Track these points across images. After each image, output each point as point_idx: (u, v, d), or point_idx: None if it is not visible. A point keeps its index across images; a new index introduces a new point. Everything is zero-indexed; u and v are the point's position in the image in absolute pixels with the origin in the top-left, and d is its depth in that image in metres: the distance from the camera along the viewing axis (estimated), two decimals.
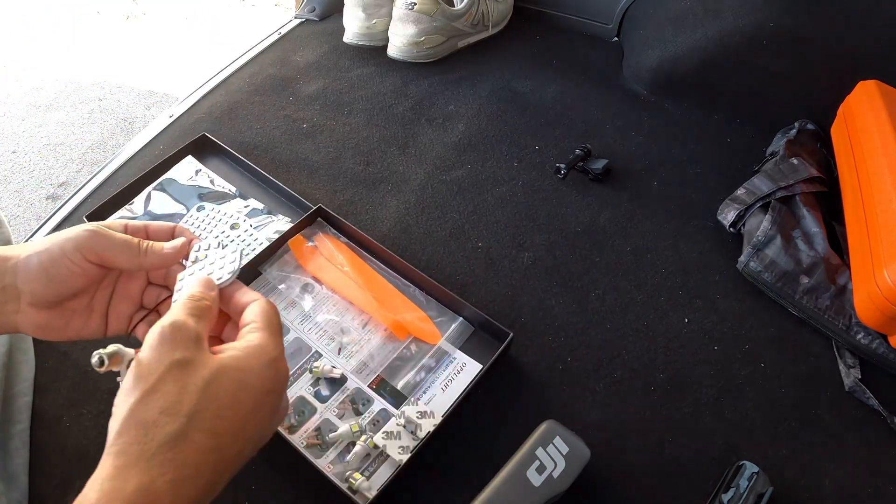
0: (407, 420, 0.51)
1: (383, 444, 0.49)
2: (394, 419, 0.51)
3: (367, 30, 0.93)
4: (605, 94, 0.88)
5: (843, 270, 0.61)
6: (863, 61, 0.76)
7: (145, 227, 0.43)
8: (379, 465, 0.49)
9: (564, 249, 0.67)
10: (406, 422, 0.51)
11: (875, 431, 0.54)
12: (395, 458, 0.49)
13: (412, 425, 0.50)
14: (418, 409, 0.51)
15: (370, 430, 0.52)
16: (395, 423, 0.51)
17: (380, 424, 0.52)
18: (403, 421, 0.51)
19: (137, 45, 2.26)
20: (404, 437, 0.50)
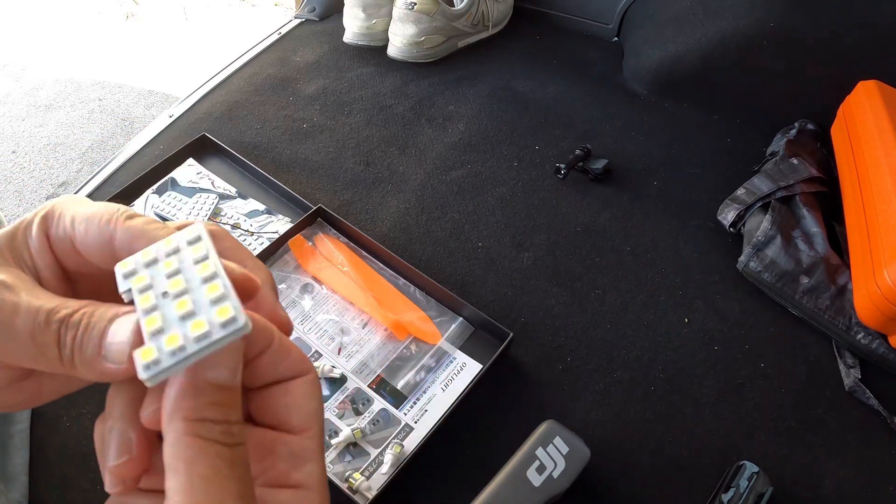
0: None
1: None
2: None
3: (367, 30, 0.93)
4: (605, 94, 0.88)
5: (843, 270, 0.61)
6: (863, 61, 0.76)
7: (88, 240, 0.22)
8: (379, 465, 0.49)
9: (564, 249, 0.67)
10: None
11: (875, 431, 0.54)
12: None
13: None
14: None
15: (370, 430, 0.52)
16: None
17: (380, 424, 0.52)
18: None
19: (137, 45, 2.26)
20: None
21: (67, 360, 0.19)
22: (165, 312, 0.19)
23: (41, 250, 0.22)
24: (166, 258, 0.20)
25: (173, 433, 0.18)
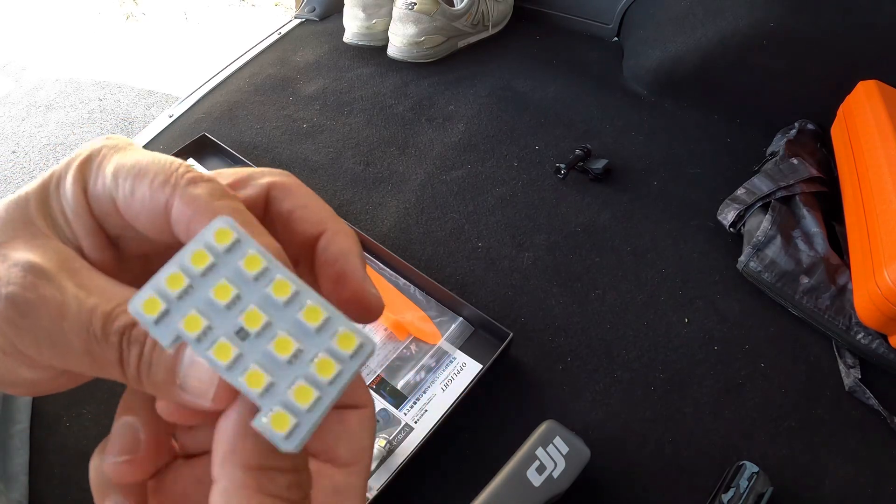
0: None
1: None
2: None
3: (367, 30, 0.93)
4: (605, 94, 0.88)
5: (843, 270, 0.61)
6: (863, 61, 0.76)
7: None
8: (379, 465, 0.49)
9: (564, 249, 0.67)
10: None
11: (875, 431, 0.54)
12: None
13: None
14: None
15: None
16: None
17: (380, 425, 0.52)
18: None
19: (137, 45, 2.26)
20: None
21: (133, 380, 0.16)
22: (263, 361, 0.14)
23: (79, 213, 0.17)
24: (207, 279, 0.15)
25: (229, 482, 0.14)
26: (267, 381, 0.14)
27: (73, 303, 0.15)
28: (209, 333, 0.14)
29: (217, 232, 0.15)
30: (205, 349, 0.14)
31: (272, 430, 0.14)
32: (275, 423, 0.14)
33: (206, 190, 0.17)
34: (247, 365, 0.14)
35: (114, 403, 0.17)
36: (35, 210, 0.17)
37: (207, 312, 0.15)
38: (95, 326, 0.15)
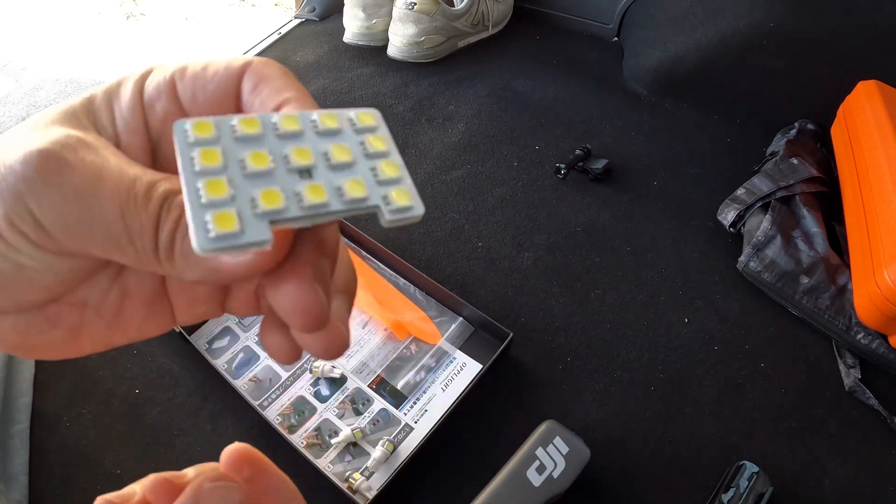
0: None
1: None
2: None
3: (367, 30, 0.93)
4: (605, 94, 0.88)
5: (843, 270, 0.61)
6: (863, 61, 0.76)
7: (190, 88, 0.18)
8: (380, 465, 0.49)
9: (564, 249, 0.67)
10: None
11: (875, 431, 0.54)
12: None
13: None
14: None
15: (370, 430, 0.52)
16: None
17: (380, 424, 0.52)
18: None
19: (137, 45, 2.26)
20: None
21: (165, 250, 0.15)
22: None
23: (130, 109, 0.17)
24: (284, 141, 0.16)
25: None
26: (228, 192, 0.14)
27: (115, 168, 0.15)
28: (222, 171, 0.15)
29: (361, 114, 0.17)
30: (196, 181, 0.14)
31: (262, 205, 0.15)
32: (265, 199, 0.14)
33: (279, 72, 0.18)
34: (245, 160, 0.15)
35: (114, 404, 0.17)
36: (80, 110, 0.17)
37: (271, 142, 0.16)
38: (138, 189, 0.15)
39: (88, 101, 0.17)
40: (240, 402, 0.53)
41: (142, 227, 0.15)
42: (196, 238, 0.14)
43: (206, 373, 0.55)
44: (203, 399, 0.54)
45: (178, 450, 0.51)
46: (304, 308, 0.16)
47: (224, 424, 0.52)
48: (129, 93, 0.18)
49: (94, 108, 0.17)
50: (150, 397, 0.54)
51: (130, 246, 0.15)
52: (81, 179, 0.15)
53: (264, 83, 0.17)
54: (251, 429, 0.52)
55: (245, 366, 0.56)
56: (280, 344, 0.18)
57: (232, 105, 0.17)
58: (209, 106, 0.17)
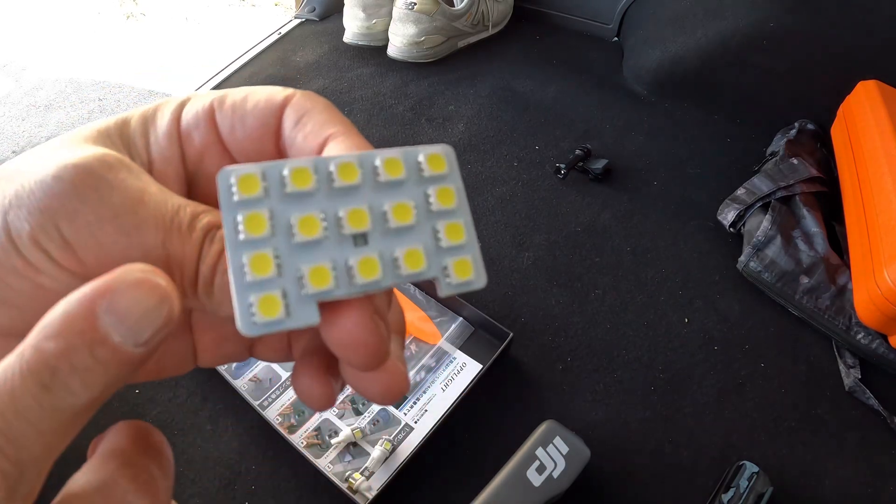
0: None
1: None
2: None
3: (367, 30, 0.93)
4: (605, 94, 0.88)
5: (843, 270, 0.61)
6: (863, 61, 0.76)
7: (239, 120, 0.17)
8: (379, 465, 0.49)
9: (564, 249, 0.67)
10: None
11: (875, 431, 0.54)
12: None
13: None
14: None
15: (370, 430, 0.52)
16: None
17: (379, 424, 0.52)
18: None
19: (137, 45, 2.26)
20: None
21: (205, 283, 0.15)
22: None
23: (166, 137, 0.17)
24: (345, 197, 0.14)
25: None
26: (273, 269, 0.13)
27: (158, 195, 0.15)
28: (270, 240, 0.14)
29: (430, 157, 0.15)
30: (240, 251, 0.13)
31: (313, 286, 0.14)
32: (314, 278, 0.14)
33: (324, 107, 0.17)
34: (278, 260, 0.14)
35: (113, 404, 0.17)
36: (114, 132, 0.16)
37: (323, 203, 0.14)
38: (182, 218, 0.14)
39: (123, 124, 0.17)
40: (240, 402, 0.53)
41: (182, 259, 0.14)
42: (240, 321, 0.13)
43: (206, 373, 0.55)
44: (203, 399, 0.54)
45: (179, 449, 0.51)
46: (365, 341, 0.14)
47: (224, 424, 0.52)
48: (167, 120, 0.17)
49: (129, 132, 0.17)
50: (150, 397, 0.54)
51: (167, 276, 0.15)
52: (121, 200, 0.14)
53: (307, 117, 0.16)
54: (251, 429, 0.52)
55: (245, 366, 0.56)
56: (315, 388, 0.17)
57: (272, 139, 0.17)
58: (248, 140, 0.17)
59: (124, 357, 0.13)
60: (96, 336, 0.12)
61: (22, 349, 0.12)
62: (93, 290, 0.12)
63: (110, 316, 0.12)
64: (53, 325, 0.12)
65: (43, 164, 0.14)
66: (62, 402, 0.12)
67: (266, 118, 0.17)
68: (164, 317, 0.13)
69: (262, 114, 0.17)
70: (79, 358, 0.12)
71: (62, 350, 0.12)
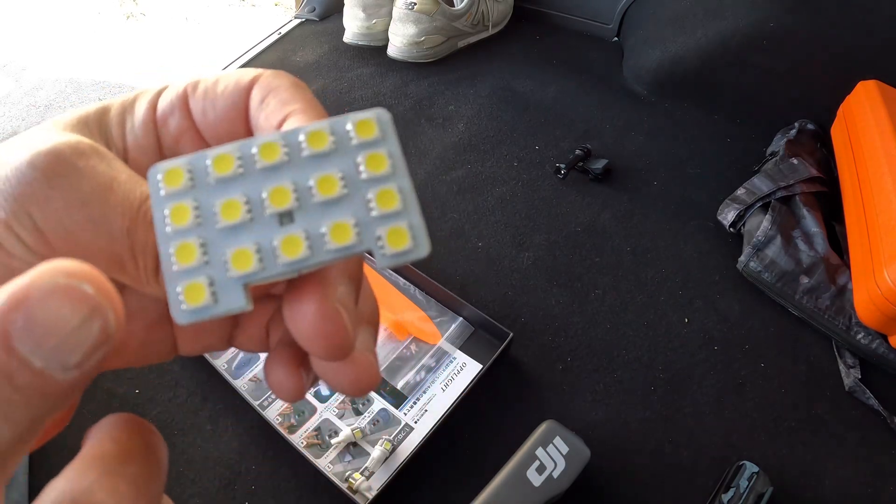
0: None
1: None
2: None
3: (367, 30, 0.93)
4: (605, 94, 0.88)
5: (843, 270, 0.61)
6: (863, 61, 0.76)
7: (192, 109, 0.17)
8: (379, 465, 0.49)
9: (564, 249, 0.67)
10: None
11: (875, 431, 0.54)
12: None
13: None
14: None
15: (370, 430, 0.52)
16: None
17: (379, 424, 0.52)
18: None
19: (137, 45, 2.26)
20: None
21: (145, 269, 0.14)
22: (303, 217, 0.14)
23: (142, 125, 0.17)
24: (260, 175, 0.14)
25: None
26: (199, 257, 0.13)
27: (126, 182, 0.14)
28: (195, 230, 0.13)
29: (359, 123, 0.14)
30: (169, 241, 0.13)
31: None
32: (237, 261, 0.13)
33: (287, 85, 0.16)
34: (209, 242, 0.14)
35: (114, 404, 0.17)
36: (92, 120, 0.16)
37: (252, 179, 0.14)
38: (149, 207, 0.14)
39: (103, 112, 0.17)
40: (240, 402, 0.53)
41: (146, 247, 0.14)
42: (171, 310, 0.13)
43: (206, 373, 0.55)
44: (203, 399, 0.54)
45: (178, 449, 0.51)
46: (325, 331, 0.14)
47: (224, 424, 0.52)
48: (143, 108, 0.17)
49: (108, 120, 0.17)
50: (150, 397, 0.54)
51: (132, 264, 0.14)
52: (90, 187, 0.14)
53: (271, 96, 0.16)
54: (251, 429, 0.52)
55: (245, 366, 0.56)
56: (285, 380, 0.16)
57: (242, 120, 0.17)
58: (220, 122, 0.17)
59: (51, 385, 0.10)
60: (12, 362, 0.10)
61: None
62: (3, 301, 0.10)
63: (27, 335, 0.10)
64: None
65: (20, 152, 0.14)
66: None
67: (235, 100, 0.17)
68: (97, 333, 0.11)
69: (232, 95, 0.17)
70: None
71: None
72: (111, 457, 0.13)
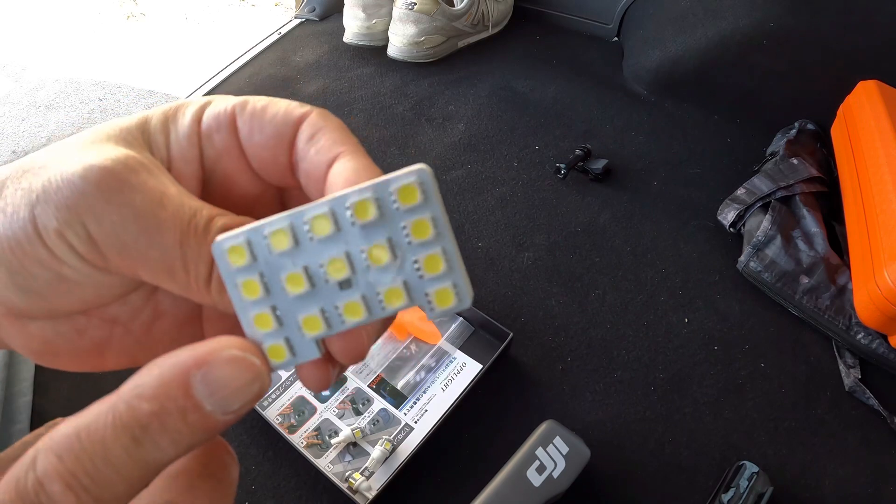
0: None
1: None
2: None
3: (367, 30, 0.93)
4: (605, 94, 0.88)
5: (843, 270, 0.61)
6: (863, 61, 0.76)
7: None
8: (379, 465, 0.49)
9: (564, 249, 0.67)
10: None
11: (875, 431, 0.54)
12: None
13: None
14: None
15: (370, 430, 0.52)
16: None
17: (379, 424, 0.52)
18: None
19: (137, 45, 2.26)
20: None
21: (217, 283, 0.16)
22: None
23: (187, 138, 0.17)
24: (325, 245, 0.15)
25: None
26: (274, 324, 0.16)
27: (177, 197, 0.15)
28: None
29: (401, 190, 0.15)
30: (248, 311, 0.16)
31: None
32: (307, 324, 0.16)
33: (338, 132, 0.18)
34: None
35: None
36: (135, 129, 0.17)
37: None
38: (199, 220, 0.15)
39: (144, 122, 0.17)
40: None
41: (198, 259, 0.15)
42: None
43: None
44: None
45: None
46: (350, 352, 0.17)
47: None
48: (188, 120, 0.18)
49: (150, 130, 0.17)
50: None
51: (184, 274, 0.16)
52: (143, 202, 0.15)
53: (321, 134, 0.17)
54: (251, 429, 0.52)
55: None
56: (312, 373, 0.18)
57: (286, 149, 0.18)
58: (265, 147, 0.18)
59: (212, 423, 0.14)
60: (189, 403, 0.13)
61: (114, 401, 0.13)
62: (189, 358, 0.13)
63: (204, 387, 0.13)
64: (149, 386, 0.13)
65: (69, 162, 0.15)
66: (150, 455, 0.13)
67: (283, 129, 0.17)
68: (255, 393, 0.14)
69: (280, 125, 0.17)
70: (170, 421, 0.13)
71: (155, 412, 0.13)
72: (195, 474, 0.15)
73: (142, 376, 0.13)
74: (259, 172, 0.18)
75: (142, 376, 0.13)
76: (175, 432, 0.13)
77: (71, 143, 0.16)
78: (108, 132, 0.17)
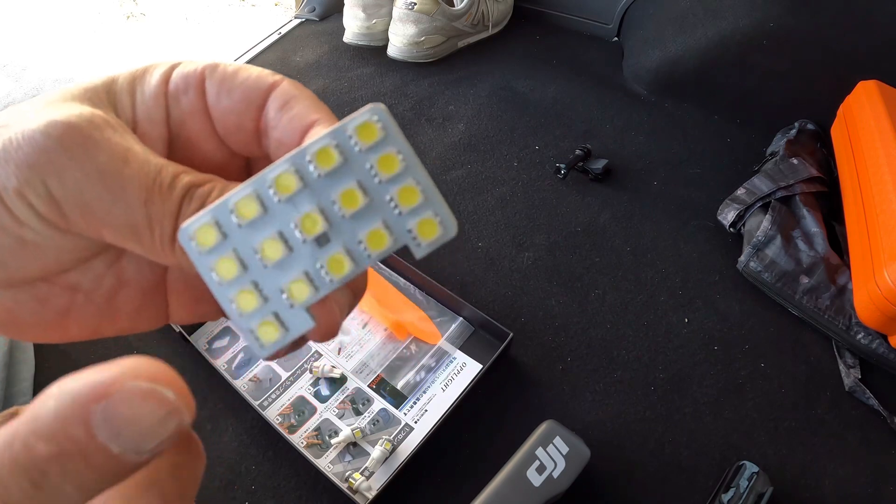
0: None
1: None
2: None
3: (367, 30, 0.93)
4: (605, 94, 0.88)
5: (843, 270, 0.61)
6: (863, 61, 0.76)
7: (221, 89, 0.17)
8: (379, 465, 0.49)
9: (564, 249, 0.67)
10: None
11: (875, 431, 0.54)
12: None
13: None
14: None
15: (370, 430, 0.52)
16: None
17: (379, 424, 0.52)
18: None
19: (137, 45, 2.26)
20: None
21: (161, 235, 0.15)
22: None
23: (153, 98, 0.17)
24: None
25: None
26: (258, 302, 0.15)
27: (141, 153, 0.15)
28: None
29: (359, 128, 0.15)
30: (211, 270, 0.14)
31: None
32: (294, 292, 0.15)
33: (306, 105, 0.17)
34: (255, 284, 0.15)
35: None
36: (101, 89, 0.17)
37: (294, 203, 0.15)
38: (164, 178, 0.15)
39: (111, 83, 0.17)
40: (240, 402, 0.53)
41: (163, 216, 0.15)
42: (254, 351, 0.15)
43: (206, 373, 0.55)
44: (203, 399, 0.54)
45: None
46: (322, 332, 0.16)
47: (224, 424, 0.52)
48: (155, 81, 0.17)
49: (116, 91, 0.17)
50: None
51: (148, 233, 0.15)
52: (107, 159, 0.14)
53: (294, 102, 0.17)
54: (251, 429, 0.52)
55: (245, 366, 0.56)
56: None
57: (254, 116, 0.17)
58: (232, 112, 0.17)
59: (124, 465, 0.11)
60: (92, 445, 0.11)
61: (11, 436, 0.11)
62: (86, 388, 0.11)
63: (107, 425, 0.11)
64: (44, 423, 0.11)
65: (30, 120, 0.14)
66: (54, 500, 0.11)
67: (252, 95, 0.17)
68: (172, 430, 0.12)
69: (250, 89, 0.17)
70: (72, 465, 0.11)
71: (53, 454, 0.11)
72: (163, 471, 0.14)
73: (38, 407, 0.11)
74: (224, 138, 0.18)
75: (38, 407, 0.11)
76: (78, 476, 0.11)
77: (34, 103, 0.15)
78: (73, 92, 0.16)
